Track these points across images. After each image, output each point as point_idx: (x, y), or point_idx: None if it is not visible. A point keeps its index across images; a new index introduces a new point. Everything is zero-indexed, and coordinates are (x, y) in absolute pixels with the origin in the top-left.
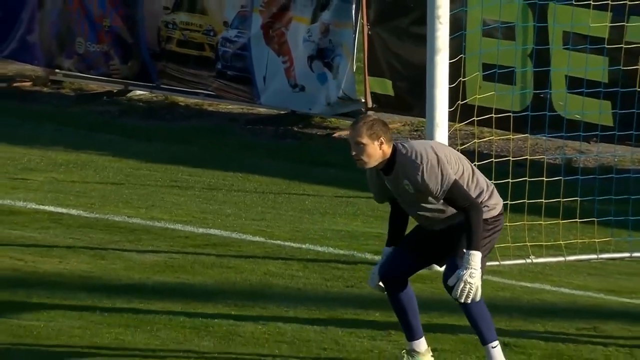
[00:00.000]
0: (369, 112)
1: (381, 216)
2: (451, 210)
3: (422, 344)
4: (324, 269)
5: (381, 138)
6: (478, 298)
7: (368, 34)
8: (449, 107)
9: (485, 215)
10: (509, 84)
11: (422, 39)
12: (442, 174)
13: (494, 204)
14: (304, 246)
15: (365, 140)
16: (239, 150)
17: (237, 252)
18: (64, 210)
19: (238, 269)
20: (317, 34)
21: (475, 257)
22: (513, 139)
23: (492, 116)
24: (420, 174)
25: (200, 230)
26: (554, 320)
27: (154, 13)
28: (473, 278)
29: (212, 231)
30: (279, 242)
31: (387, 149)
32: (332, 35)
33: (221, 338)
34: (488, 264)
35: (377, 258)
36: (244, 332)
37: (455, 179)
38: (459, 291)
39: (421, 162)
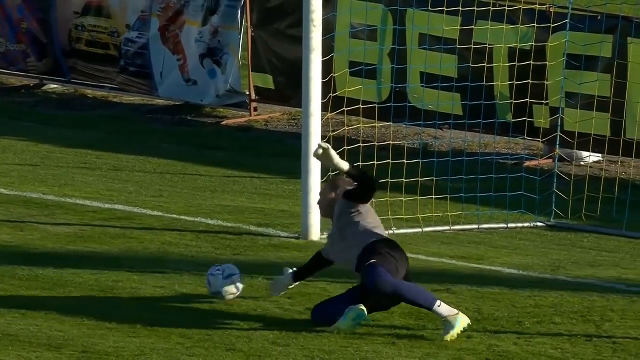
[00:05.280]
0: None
1: (263, 193)
2: None
3: (442, 309)
4: (214, 239)
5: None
6: None
7: (252, 35)
8: (322, 99)
9: None
10: (374, 79)
11: (298, 40)
12: None
13: None
14: (196, 219)
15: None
16: (140, 136)
17: (139, 225)
18: None
19: (139, 239)
20: (208, 36)
21: None
22: (378, 126)
23: (360, 107)
24: None
25: (107, 205)
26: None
27: (66, 17)
28: None
29: (117, 206)
30: (175, 216)
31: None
32: (220, 37)
33: (125, 299)
34: None
35: (260, 230)
36: (144, 293)
37: None
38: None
39: None
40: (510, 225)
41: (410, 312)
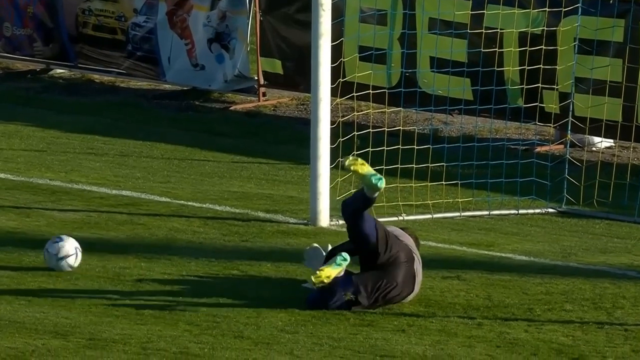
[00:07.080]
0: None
1: (271, 179)
2: None
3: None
4: (222, 225)
5: None
6: None
7: (260, 20)
8: (331, 84)
9: None
10: (383, 64)
11: (307, 25)
12: None
13: None
14: (204, 205)
15: None
16: (147, 121)
17: (146, 211)
18: None
19: (147, 225)
20: (215, 20)
21: None
22: (387, 112)
23: (369, 92)
24: None
25: (114, 191)
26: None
27: (73, 1)
28: None
29: (124, 192)
30: (182, 201)
31: None
32: (228, 21)
33: (132, 285)
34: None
35: (269, 216)
36: (151, 280)
37: None
38: None
39: None
40: (520, 211)
41: (419, 299)
